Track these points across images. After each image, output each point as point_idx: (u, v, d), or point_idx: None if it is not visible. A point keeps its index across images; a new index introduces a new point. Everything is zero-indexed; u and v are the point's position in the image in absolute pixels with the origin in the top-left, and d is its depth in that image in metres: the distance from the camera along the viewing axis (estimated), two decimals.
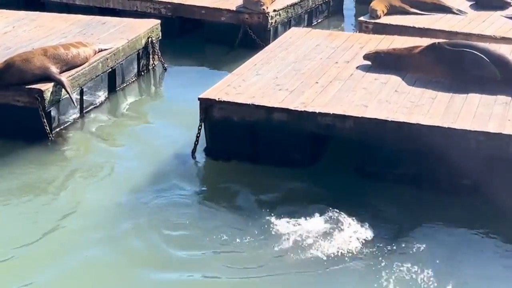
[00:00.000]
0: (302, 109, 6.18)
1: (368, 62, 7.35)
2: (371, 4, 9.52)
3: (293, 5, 10.33)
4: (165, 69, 9.08)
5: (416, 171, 5.95)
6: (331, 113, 6.11)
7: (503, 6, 9.65)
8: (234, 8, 9.91)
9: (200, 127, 6.58)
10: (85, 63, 7.54)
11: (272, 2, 10.08)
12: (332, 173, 6.25)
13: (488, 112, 6.09)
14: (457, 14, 9.54)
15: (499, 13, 9.46)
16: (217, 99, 6.42)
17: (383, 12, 9.41)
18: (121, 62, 8.29)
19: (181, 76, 9.10)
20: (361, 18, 9.49)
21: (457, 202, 5.80)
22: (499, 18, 9.31)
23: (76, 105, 7.30)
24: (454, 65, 6.72)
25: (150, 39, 8.85)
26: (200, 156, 6.68)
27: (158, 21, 9.10)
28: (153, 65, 9.09)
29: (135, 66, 8.73)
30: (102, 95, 8.03)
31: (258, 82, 6.90)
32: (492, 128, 5.78)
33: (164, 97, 8.67)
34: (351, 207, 5.72)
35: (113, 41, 8.31)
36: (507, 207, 5.70)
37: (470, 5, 9.90)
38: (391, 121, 5.96)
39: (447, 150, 5.77)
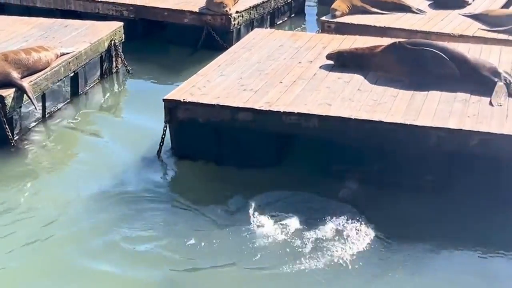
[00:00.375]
0: (267, 109, 6.23)
1: (331, 62, 7.45)
2: (333, 4, 9.64)
3: (255, 6, 10.39)
4: (129, 72, 9.04)
5: (379, 168, 6.04)
6: (296, 112, 6.18)
7: (460, 5, 9.88)
8: (197, 10, 9.93)
9: (165, 128, 6.58)
10: (47, 67, 7.47)
11: (234, 4, 10.12)
12: (298, 171, 6.31)
13: (448, 109, 6.23)
14: (416, 13, 9.73)
15: (457, 12, 9.68)
16: (182, 100, 6.43)
17: (344, 11, 9.53)
18: (83, 66, 8.22)
19: (145, 78, 9.09)
20: (323, 18, 9.60)
21: (419, 198, 5.90)
22: (457, 16, 9.52)
23: (38, 110, 7.23)
24: (415, 63, 6.86)
25: (113, 42, 8.80)
26: (165, 157, 6.68)
27: (121, 24, 9.06)
28: (116, 68, 9.04)
29: (98, 69, 8.67)
30: (65, 99, 7.95)
31: (222, 82, 6.93)
32: (452, 124, 5.92)
33: (128, 99, 8.63)
34: (317, 205, 5.79)
35: (75, 44, 8.24)
36: (467, 200, 5.84)
37: (429, 4, 10.11)
38: (355, 119, 6.05)
39: (409, 147, 5.89)
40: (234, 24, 9.86)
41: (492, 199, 5.85)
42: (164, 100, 6.50)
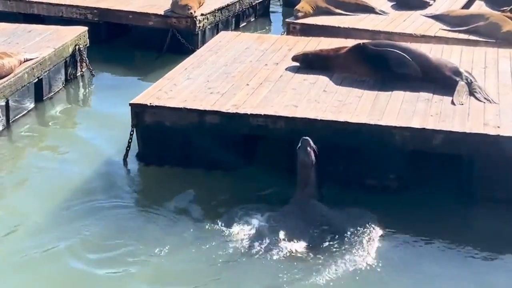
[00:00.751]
0: (234, 111, 6.28)
1: (297, 63, 7.53)
2: (297, 5, 9.73)
3: (220, 9, 10.42)
4: (93, 76, 8.99)
5: (345, 168, 6.13)
6: (263, 114, 6.23)
7: (422, 5, 10.07)
8: (162, 13, 9.91)
9: (131, 133, 6.56)
10: (10, 74, 7.38)
11: (199, 6, 10.14)
12: (266, 173, 6.36)
13: (411, 109, 6.35)
14: (379, 14, 9.88)
15: (419, 13, 9.86)
16: (148, 104, 6.43)
17: (307, 12, 9.62)
18: (48, 71, 8.15)
19: (110, 82, 9.05)
20: (289, 20, 9.69)
21: (384, 197, 5.99)
22: (419, 17, 9.70)
23: (1, 116, 7.14)
24: (378, 64, 6.97)
25: (77, 47, 8.74)
26: (132, 162, 6.66)
27: (86, 28, 9.00)
28: (81, 73, 8.98)
29: (63, 75, 8.60)
30: (29, 105, 7.87)
31: (189, 86, 6.94)
32: (416, 123, 6.04)
33: (93, 104, 8.58)
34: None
35: (39, 50, 8.16)
36: (431, 199, 5.97)
37: (392, 5, 10.27)
38: (321, 120, 6.13)
39: (374, 147, 5.99)
40: (199, 26, 9.88)
41: (456, 195, 5.99)
42: (130, 104, 6.48)
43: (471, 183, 6.00)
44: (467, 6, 10.42)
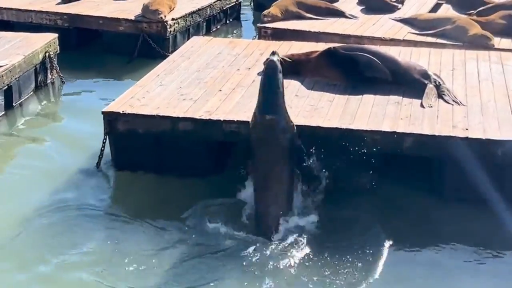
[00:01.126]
0: (207, 118, 6.30)
1: None
2: (267, 10, 9.78)
3: (191, 13, 10.44)
4: (64, 83, 8.92)
5: (318, 172, 6.19)
6: (236, 120, 6.27)
7: (391, 9, 10.21)
8: (132, 18, 9.89)
9: (104, 140, 6.54)
10: None
11: (170, 11, 10.14)
12: (240, 178, 6.38)
13: (382, 112, 6.44)
14: (349, 18, 9.99)
15: (388, 16, 10.00)
16: (121, 112, 6.41)
17: (276, 17, 9.68)
18: (17, 78, 8.07)
19: (81, 88, 8.99)
20: (260, 24, 9.74)
21: (358, 199, 6.07)
22: (388, 21, 9.84)
23: None
24: (349, 68, 7.06)
25: (47, 54, 8.67)
26: (105, 169, 6.63)
27: (56, 35, 8.93)
28: (52, 80, 8.90)
29: (33, 81, 8.52)
30: None
31: (162, 92, 6.94)
32: (386, 127, 6.13)
33: (64, 111, 8.49)
34: None
35: (8, 57, 8.07)
36: (403, 200, 6.08)
37: (361, 9, 10.40)
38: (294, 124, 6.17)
39: (346, 151, 6.07)
40: (170, 31, 9.88)
41: (427, 196, 6.10)
42: (103, 112, 6.45)
43: (441, 184, 6.11)
44: (434, 9, 10.60)
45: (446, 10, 10.40)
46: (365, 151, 5.99)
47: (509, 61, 7.98)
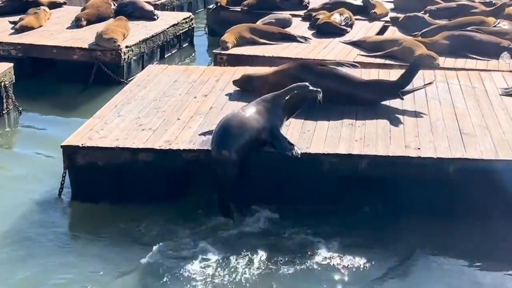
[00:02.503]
0: (167, 148, 6.25)
1: (228, 92, 7.56)
2: (223, 37, 9.82)
3: (145, 40, 10.39)
4: (20, 112, 8.73)
5: (277, 196, 6.22)
6: (195, 148, 6.24)
7: (340, 33, 10.38)
8: (86, 46, 9.78)
9: (64, 174, 6.42)
10: None
11: (124, 38, 10.07)
12: (198, 206, 6.36)
13: (337, 135, 6.51)
14: (301, 42, 10.11)
15: (338, 40, 10.16)
16: (80, 145, 6.30)
17: (233, 43, 9.73)
18: None
19: (37, 118, 8.81)
20: (216, 51, 9.76)
21: (317, 221, 6.12)
22: (338, 44, 10.00)
23: None
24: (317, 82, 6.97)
25: (3, 83, 8.50)
26: (66, 201, 6.50)
27: (11, 65, 8.76)
28: (8, 110, 8.70)
29: None
30: None
31: (120, 123, 6.85)
32: (342, 149, 6.21)
33: (21, 141, 8.32)
34: (222, 234, 5.90)
35: None
36: (360, 220, 6.14)
37: (312, 33, 10.54)
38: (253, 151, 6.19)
39: (304, 174, 6.12)
40: (125, 58, 9.81)
41: (382, 214, 6.19)
42: (62, 146, 6.33)
43: (396, 202, 6.22)
44: (381, 32, 10.82)
45: (393, 32, 10.63)
46: (323, 174, 6.05)
47: (453, 79, 8.21)
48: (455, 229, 5.95)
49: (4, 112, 8.64)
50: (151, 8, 11.60)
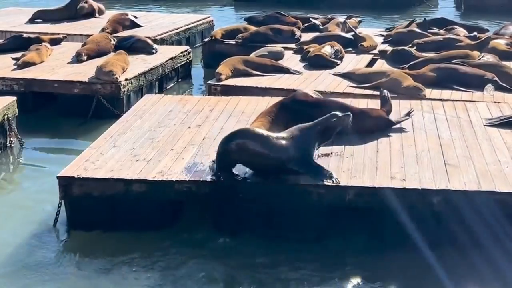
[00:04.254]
0: (160, 179, 6.25)
1: (223, 121, 7.59)
2: (217, 69, 9.88)
3: (144, 73, 10.45)
4: (22, 146, 8.74)
5: (266, 226, 6.20)
6: (187, 180, 6.23)
7: (331, 65, 10.45)
8: (86, 80, 9.83)
9: (59, 205, 6.41)
10: None
11: (123, 72, 10.13)
12: (191, 234, 6.34)
13: (324, 165, 6.48)
14: (293, 73, 10.17)
15: (328, 71, 10.22)
16: (76, 176, 6.31)
17: (228, 75, 9.79)
18: None
19: (39, 152, 8.80)
20: (210, 82, 9.81)
21: (303, 249, 6.09)
22: (328, 76, 10.05)
23: None
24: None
25: (6, 117, 8.51)
26: (62, 231, 6.48)
27: (14, 98, 8.79)
28: (10, 143, 8.71)
29: None
30: None
31: (115, 154, 6.86)
32: (330, 180, 6.16)
33: (22, 174, 8.30)
34: (213, 262, 5.88)
35: None
36: (347, 250, 6.10)
37: (304, 65, 10.61)
38: (243, 182, 6.18)
39: (293, 205, 6.10)
40: (124, 91, 9.85)
41: (369, 244, 6.15)
42: (58, 177, 6.34)
43: (382, 232, 6.18)
44: (370, 64, 10.89)
45: (381, 65, 10.69)
46: (311, 205, 6.03)
47: (439, 109, 8.24)
48: (439, 259, 5.89)
49: (7, 145, 8.65)
50: (150, 42, 11.71)
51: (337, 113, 6.34)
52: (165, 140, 7.25)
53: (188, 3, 19.35)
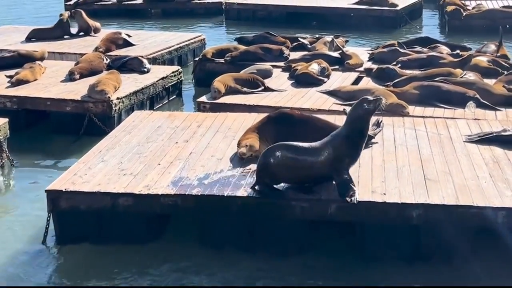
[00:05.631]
0: (146, 193, 6.32)
1: (209, 136, 7.66)
2: (214, 84, 9.93)
3: (135, 92, 10.55)
4: (13, 165, 8.77)
5: (250, 241, 6.26)
6: (173, 193, 6.31)
7: (317, 83, 10.56)
8: (79, 98, 9.92)
9: (48, 218, 6.47)
10: None
11: (115, 91, 10.23)
12: (179, 246, 6.38)
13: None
14: (281, 91, 10.28)
15: (315, 89, 10.33)
16: (63, 190, 6.37)
17: (221, 91, 9.88)
18: None
19: (29, 169, 8.82)
20: (199, 99, 9.90)
21: (285, 261, 6.14)
22: (315, 93, 10.16)
23: None
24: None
25: None
26: (51, 245, 6.54)
27: (6, 120, 8.84)
28: (1, 163, 8.73)
29: None
30: None
31: (103, 168, 6.93)
32: (312, 195, 6.23)
33: (13, 192, 8.33)
34: (198, 275, 5.93)
35: None
36: (332, 260, 6.17)
37: (291, 83, 10.71)
38: (227, 196, 6.26)
39: (277, 219, 6.17)
40: (115, 109, 9.94)
41: (351, 257, 6.21)
42: (46, 191, 6.41)
43: (363, 245, 6.24)
44: (356, 82, 11.01)
45: (367, 82, 10.82)
46: (294, 218, 6.10)
47: (421, 126, 8.35)
48: (419, 273, 5.96)
49: None
50: (142, 61, 11.81)
51: (363, 100, 6.24)
52: (153, 155, 7.33)
53: (182, 21, 19.54)
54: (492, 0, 20.77)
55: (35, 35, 14.18)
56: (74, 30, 14.63)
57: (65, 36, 14.33)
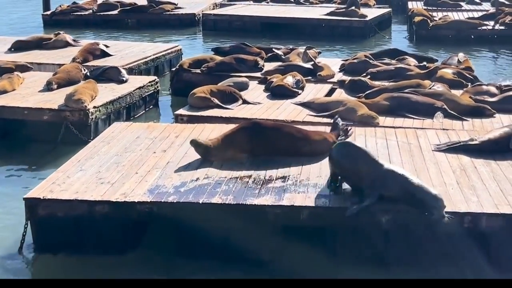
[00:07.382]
0: (122, 200, 6.38)
1: (187, 146, 7.69)
2: (197, 95, 9.99)
3: (112, 101, 10.59)
4: None
5: (225, 246, 6.35)
6: (149, 201, 6.38)
7: (292, 95, 10.72)
8: (56, 107, 9.93)
9: (26, 226, 6.48)
10: None
11: (92, 99, 10.27)
12: (155, 255, 6.44)
13: (282, 188, 6.71)
14: (255, 104, 10.40)
15: (289, 101, 10.46)
16: (41, 198, 6.40)
17: (200, 104, 9.96)
18: None
19: (6, 178, 8.81)
20: (177, 112, 9.97)
21: (260, 270, 6.23)
22: (290, 105, 10.30)
23: None
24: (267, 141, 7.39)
25: None
26: (28, 253, 6.54)
27: None
28: None
29: None
30: None
31: (81, 177, 6.98)
32: (285, 201, 6.39)
33: None
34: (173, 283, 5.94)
35: None
36: (301, 268, 6.27)
37: (267, 95, 10.84)
38: (203, 203, 6.36)
39: (249, 225, 6.28)
40: (92, 118, 9.98)
41: (323, 262, 6.34)
42: (24, 198, 6.43)
43: (335, 250, 6.39)
44: (330, 93, 11.20)
45: (340, 94, 11.00)
46: (268, 224, 6.21)
47: (392, 136, 8.54)
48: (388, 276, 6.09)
49: None
50: (120, 71, 11.86)
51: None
52: (131, 164, 7.40)
53: (158, 32, 19.62)
54: (458, 11, 21.37)
55: (19, 46, 14.13)
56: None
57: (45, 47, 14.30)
